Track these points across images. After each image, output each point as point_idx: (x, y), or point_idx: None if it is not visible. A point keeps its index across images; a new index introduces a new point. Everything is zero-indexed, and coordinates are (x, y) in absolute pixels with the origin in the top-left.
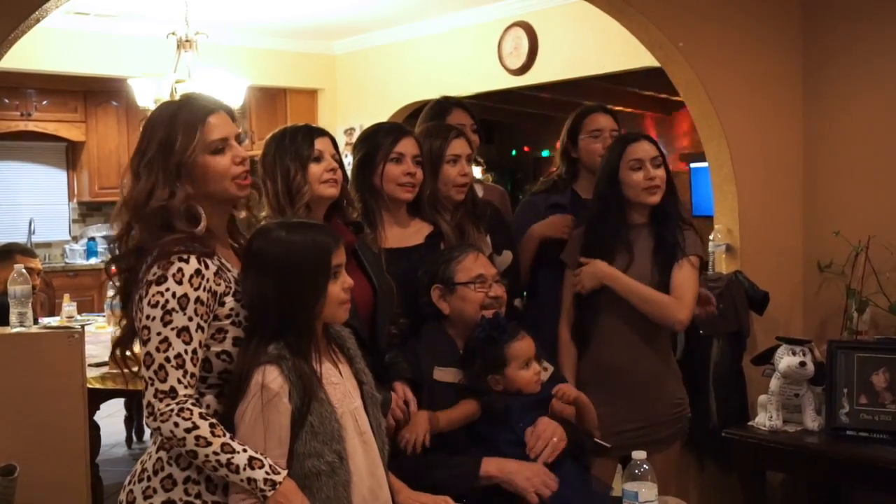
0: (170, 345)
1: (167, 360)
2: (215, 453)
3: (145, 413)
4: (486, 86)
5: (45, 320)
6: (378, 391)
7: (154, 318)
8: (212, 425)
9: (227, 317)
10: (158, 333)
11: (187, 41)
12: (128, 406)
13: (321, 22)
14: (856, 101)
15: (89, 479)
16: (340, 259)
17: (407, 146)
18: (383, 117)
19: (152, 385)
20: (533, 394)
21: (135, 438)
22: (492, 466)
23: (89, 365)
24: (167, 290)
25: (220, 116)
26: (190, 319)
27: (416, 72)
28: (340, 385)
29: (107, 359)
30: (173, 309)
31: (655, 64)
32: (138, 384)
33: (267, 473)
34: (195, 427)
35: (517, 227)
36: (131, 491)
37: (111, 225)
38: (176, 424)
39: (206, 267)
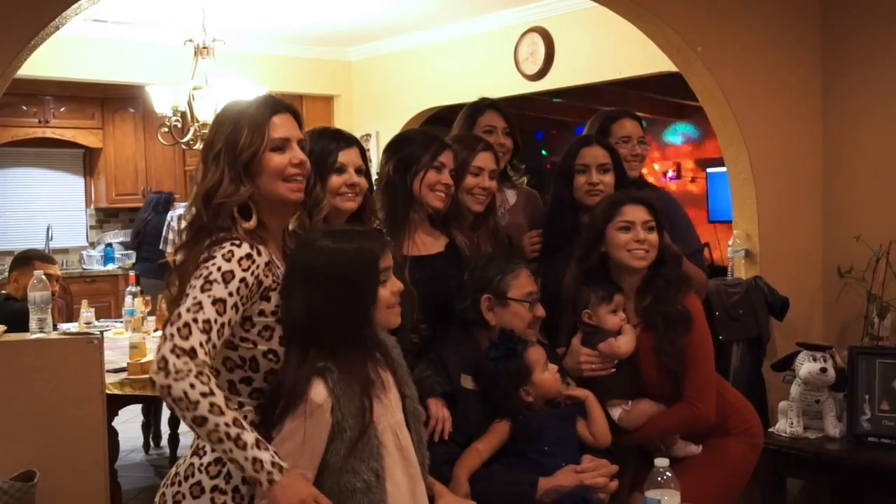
0: (201, 308)
1: (195, 320)
2: (227, 424)
3: (155, 368)
4: (502, 91)
5: (62, 326)
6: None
7: (194, 286)
8: (227, 398)
9: (274, 313)
10: (194, 298)
11: (204, 48)
12: (145, 412)
13: (337, 28)
14: (875, 106)
15: (108, 485)
16: (388, 262)
17: (448, 158)
18: (399, 123)
19: (171, 340)
20: (560, 408)
21: (152, 444)
22: (548, 484)
23: (108, 371)
24: (213, 264)
25: (286, 117)
26: (230, 295)
27: (432, 78)
28: (383, 399)
29: (125, 364)
30: (215, 280)
31: (673, 69)
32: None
33: (273, 457)
34: (211, 393)
35: None
36: (164, 493)
37: (184, 212)
38: (192, 385)
39: (259, 254)
